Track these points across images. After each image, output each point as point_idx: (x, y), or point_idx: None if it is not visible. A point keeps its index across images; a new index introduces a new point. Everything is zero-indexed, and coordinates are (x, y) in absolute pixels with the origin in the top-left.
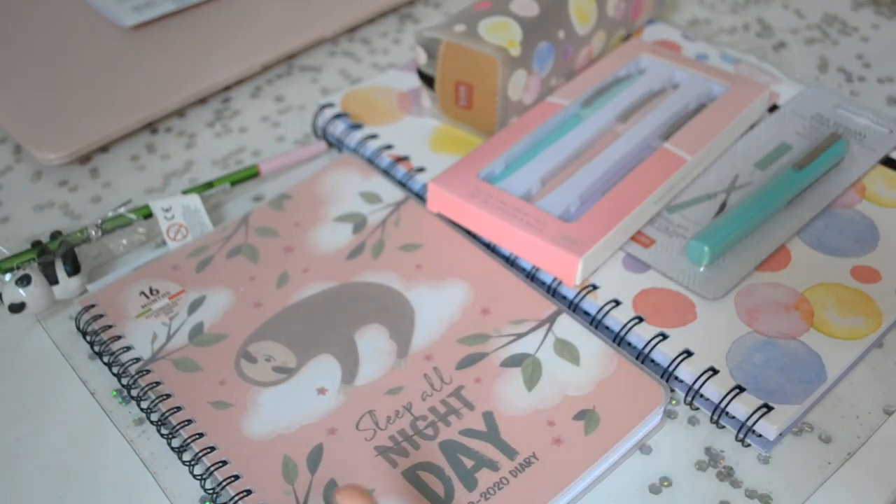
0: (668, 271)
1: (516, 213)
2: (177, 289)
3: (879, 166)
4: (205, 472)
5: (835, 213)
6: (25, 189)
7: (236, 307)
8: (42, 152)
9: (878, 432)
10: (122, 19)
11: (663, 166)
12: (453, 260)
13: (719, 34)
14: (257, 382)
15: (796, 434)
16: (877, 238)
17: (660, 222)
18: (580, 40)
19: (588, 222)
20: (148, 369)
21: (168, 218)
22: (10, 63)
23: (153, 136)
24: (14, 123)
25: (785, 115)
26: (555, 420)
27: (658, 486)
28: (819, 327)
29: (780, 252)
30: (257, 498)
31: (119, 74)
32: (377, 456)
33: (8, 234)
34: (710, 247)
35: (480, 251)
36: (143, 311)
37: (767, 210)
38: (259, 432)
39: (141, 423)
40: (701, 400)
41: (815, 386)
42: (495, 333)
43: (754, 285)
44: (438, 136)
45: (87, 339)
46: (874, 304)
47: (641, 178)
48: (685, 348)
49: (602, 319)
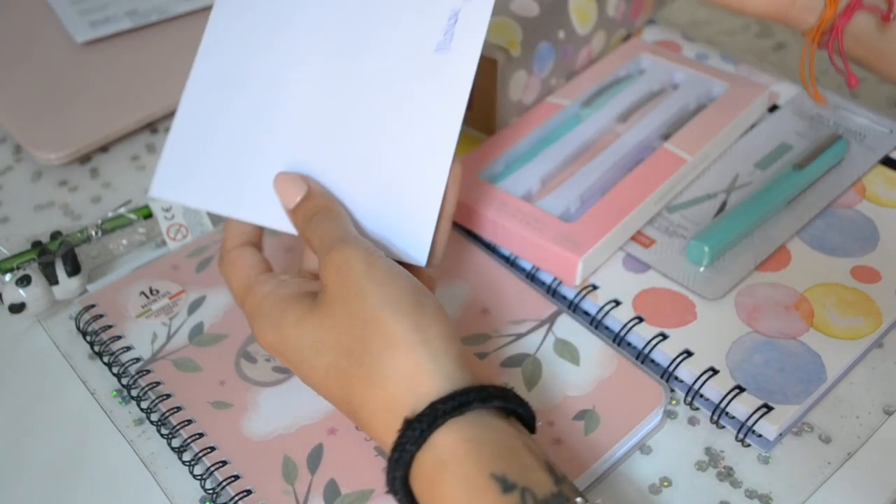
0: (668, 271)
1: (516, 213)
2: (177, 289)
3: (879, 166)
4: (205, 472)
5: (835, 213)
6: (25, 189)
7: (236, 307)
8: (42, 152)
9: (878, 432)
10: (123, 20)
11: (663, 166)
12: (453, 260)
13: (719, 34)
14: (257, 382)
15: (796, 434)
16: (877, 238)
17: (660, 222)
18: (580, 40)
19: (588, 222)
20: (148, 369)
21: (168, 218)
22: (10, 63)
23: (153, 136)
24: (14, 123)
25: (785, 115)
26: (555, 420)
27: (658, 486)
28: (819, 327)
29: (780, 252)
30: (257, 498)
31: (119, 74)
32: (377, 456)
33: (8, 234)
34: (710, 247)
35: (480, 251)
36: (144, 311)
37: (767, 210)
38: (259, 432)
39: (141, 423)
40: (701, 400)
41: (815, 386)
42: (495, 334)
43: (754, 285)
44: None
45: (87, 339)
46: (874, 304)
47: (641, 178)
48: (685, 348)
49: (602, 319)
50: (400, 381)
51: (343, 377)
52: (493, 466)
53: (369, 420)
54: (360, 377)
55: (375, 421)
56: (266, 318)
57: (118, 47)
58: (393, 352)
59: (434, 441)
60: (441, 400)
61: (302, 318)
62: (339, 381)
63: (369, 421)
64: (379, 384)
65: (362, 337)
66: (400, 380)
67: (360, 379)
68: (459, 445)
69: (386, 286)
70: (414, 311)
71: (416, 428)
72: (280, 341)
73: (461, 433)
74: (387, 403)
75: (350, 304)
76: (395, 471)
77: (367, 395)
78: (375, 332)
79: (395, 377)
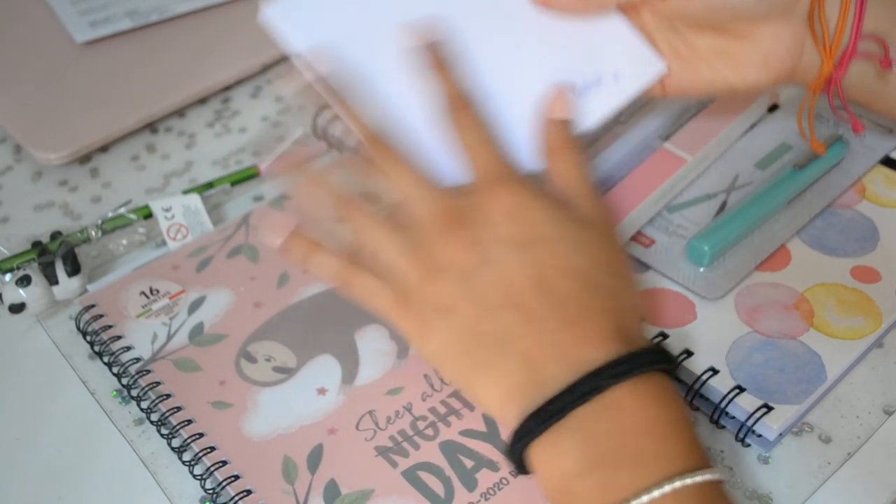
0: (668, 271)
1: None
2: (177, 289)
3: (879, 166)
4: (205, 472)
5: (835, 213)
6: (25, 189)
7: (236, 307)
8: (42, 152)
9: (878, 432)
10: (124, 20)
11: (663, 166)
12: None
13: None
14: (257, 382)
15: (796, 434)
16: (877, 238)
17: (660, 222)
18: None
19: None
20: (148, 369)
21: (168, 218)
22: (11, 63)
23: (153, 136)
24: (14, 123)
25: (785, 115)
26: None
27: None
28: (819, 327)
29: (780, 252)
30: (257, 498)
31: (119, 74)
32: (377, 456)
33: (8, 234)
34: (710, 247)
35: None
36: (144, 311)
37: (767, 210)
38: (259, 432)
39: (141, 423)
40: (701, 400)
41: (815, 386)
42: None
43: (754, 285)
44: None
45: (87, 339)
46: (874, 304)
47: (641, 178)
48: (685, 348)
49: None
50: (633, 313)
51: (591, 281)
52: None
53: (587, 330)
54: (610, 288)
55: (596, 332)
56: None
57: (118, 47)
58: (633, 292)
59: (646, 376)
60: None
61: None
62: (581, 282)
63: (587, 330)
64: (619, 306)
65: (616, 261)
66: (632, 313)
67: (608, 290)
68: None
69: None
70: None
71: (650, 355)
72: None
73: (664, 381)
74: (620, 321)
75: (608, 234)
76: (609, 378)
77: (605, 307)
78: (623, 269)
79: (632, 310)
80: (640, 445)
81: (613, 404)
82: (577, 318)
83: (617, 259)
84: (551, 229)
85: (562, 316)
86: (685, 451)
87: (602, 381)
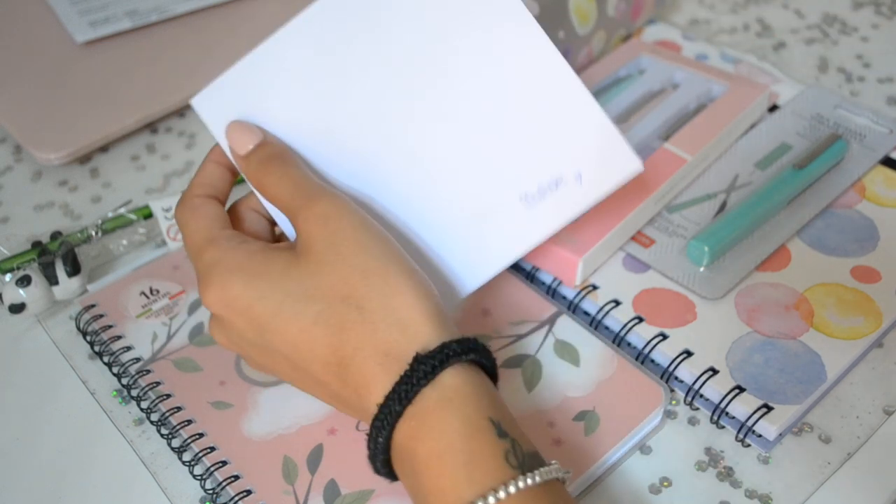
0: (668, 271)
1: None
2: (177, 289)
3: (879, 166)
4: (205, 473)
5: (835, 212)
6: (25, 189)
7: None
8: (42, 152)
9: (878, 432)
10: (124, 20)
11: (663, 166)
12: None
13: (719, 34)
14: (257, 382)
15: (796, 434)
16: (877, 238)
17: (660, 222)
18: (580, 40)
19: (588, 222)
20: (148, 369)
21: (168, 218)
22: (11, 63)
23: (153, 136)
24: (14, 123)
25: (785, 115)
26: (555, 421)
27: (658, 486)
28: (819, 327)
29: (780, 252)
30: (257, 498)
31: (119, 74)
32: None
33: (8, 234)
34: (710, 247)
35: None
36: (144, 311)
37: (767, 210)
38: (259, 432)
39: (141, 423)
40: (701, 400)
41: (815, 386)
42: (496, 334)
43: (754, 285)
44: None
45: (88, 339)
46: (874, 304)
47: (641, 178)
48: (685, 348)
49: (602, 319)
50: (405, 327)
51: (337, 322)
52: (490, 412)
53: (362, 363)
54: (359, 322)
55: (369, 364)
56: (236, 272)
57: (118, 47)
58: (401, 300)
59: (441, 379)
60: (447, 343)
61: (289, 268)
62: (330, 327)
63: (362, 364)
64: (382, 328)
65: (363, 285)
66: (405, 326)
67: (359, 323)
68: (463, 387)
69: (384, 242)
70: (413, 268)
71: (427, 363)
72: (249, 293)
73: (463, 376)
74: (388, 346)
75: (345, 254)
76: (397, 405)
77: (364, 339)
78: (379, 282)
79: (398, 324)
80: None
81: (404, 446)
82: (346, 373)
83: (341, 278)
84: (265, 308)
85: (332, 378)
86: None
87: (387, 424)
